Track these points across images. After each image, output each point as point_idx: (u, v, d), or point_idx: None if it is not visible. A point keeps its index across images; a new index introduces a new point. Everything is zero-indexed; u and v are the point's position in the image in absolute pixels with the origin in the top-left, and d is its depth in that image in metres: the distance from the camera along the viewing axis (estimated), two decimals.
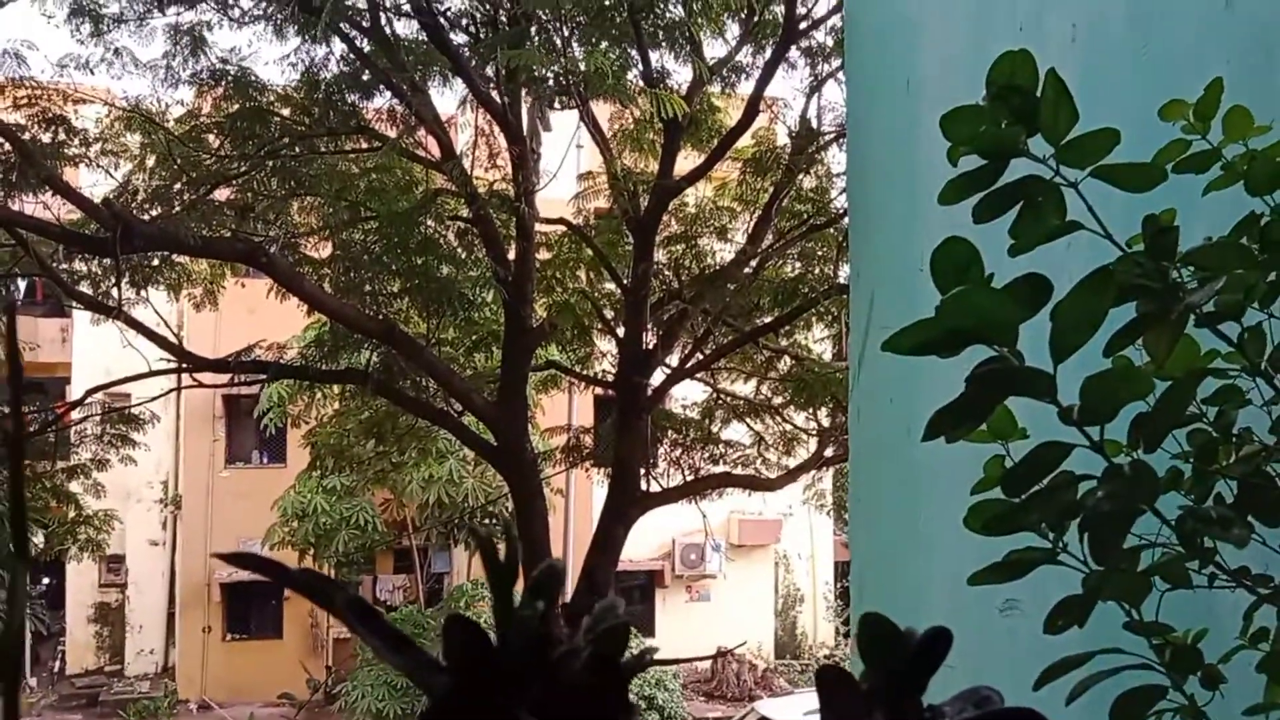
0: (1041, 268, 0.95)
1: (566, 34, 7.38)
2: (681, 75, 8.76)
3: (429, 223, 9.37)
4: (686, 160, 9.82)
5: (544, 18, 7.39)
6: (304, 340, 10.84)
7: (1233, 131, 1.00)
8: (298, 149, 8.79)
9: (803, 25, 9.03)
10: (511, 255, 9.21)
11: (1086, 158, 0.85)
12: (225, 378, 10.26)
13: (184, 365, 9.55)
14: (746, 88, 9.33)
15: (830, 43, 9.37)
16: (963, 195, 0.89)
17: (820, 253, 10.46)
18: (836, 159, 10.06)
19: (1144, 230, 0.87)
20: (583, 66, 6.55)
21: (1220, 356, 0.90)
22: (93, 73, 8.31)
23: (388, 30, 8.29)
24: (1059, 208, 0.85)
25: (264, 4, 7.34)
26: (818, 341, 11.57)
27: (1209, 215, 1.08)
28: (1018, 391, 0.78)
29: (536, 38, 7.69)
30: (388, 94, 8.78)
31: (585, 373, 11.27)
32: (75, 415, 10.20)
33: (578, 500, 15.32)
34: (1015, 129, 0.82)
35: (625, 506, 9.67)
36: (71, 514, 11.82)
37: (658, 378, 10.12)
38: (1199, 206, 1.05)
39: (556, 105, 8.07)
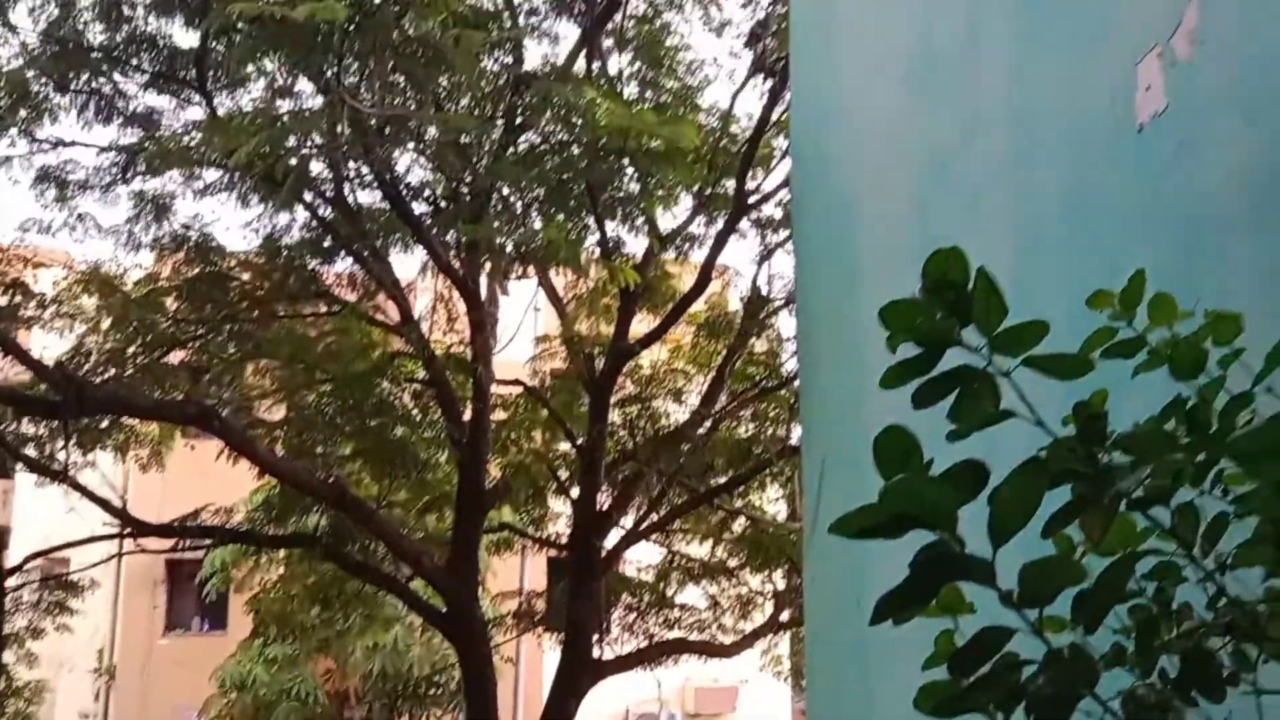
0: (981, 445, 0.98)
1: (525, 205, 7.65)
2: (637, 244, 9.10)
3: (385, 385, 9.36)
4: (642, 323, 10.03)
5: (504, 190, 7.67)
6: (252, 503, 10.58)
7: (1157, 317, 1.06)
8: (256, 313, 8.84)
9: (752, 199, 9.47)
10: (467, 416, 9.19)
11: (1018, 348, 0.88)
12: (169, 542, 9.92)
13: (127, 530, 9.24)
14: (700, 255, 9.69)
15: (779, 215, 9.81)
16: (902, 380, 0.92)
17: (773, 414, 10.59)
18: (787, 323, 10.37)
19: (1075, 415, 0.90)
20: (540, 238, 6.76)
21: (1155, 535, 0.92)
22: (54, 236, 8.39)
23: (351, 199, 8.53)
24: (993, 395, 0.88)
25: (229, 175, 7.53)
26: (772, 502, 11.56)
27: (1142, 393, 1.12)
28: (958, 577, 0.79)
29: (497, 205, 7.96)
30: (349, 259, 8.94)
31: (539, 534, 11.08)
32: (12, 582, 9.74)
33: (528, 668, 14.75)
34: (949, 321, 0.86)
35: (578, 675, 9.33)
36: (1, 686, 11.12)
37: (612, 539, 9.97)
38: (1130, 386, 1.10)
39: (515, 275, 8.28)
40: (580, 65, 8.98)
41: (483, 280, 8.95)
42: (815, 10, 3.44)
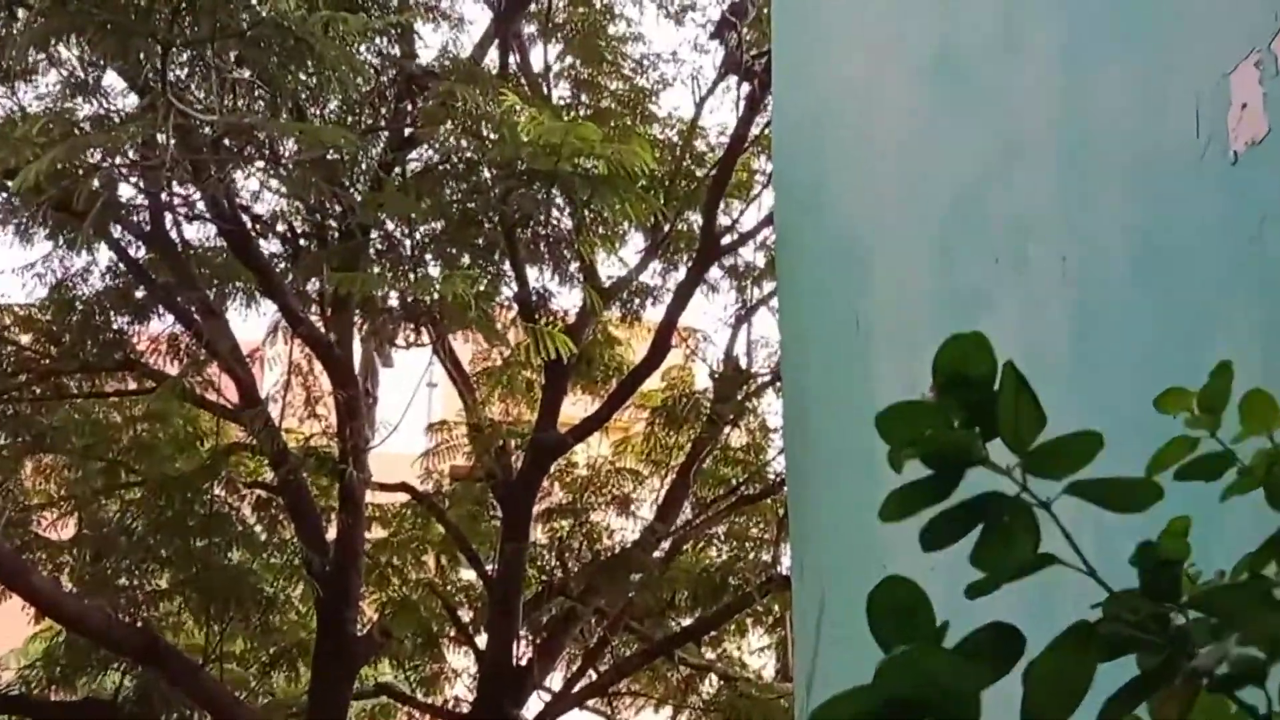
0: (1013, 602, 0.98)
1: (417, 246, 7.68)
2: (570, 299, 9.17)
3: (217, 491, 9.22)
4: (576, 406, 10.06)
5: (389, 226, 7.70)
6: (27, 656, 10.30)
7: (1252, 423, 1.07)
8: (38, 389, 8.69)
9: (725, 240, 9.63)
10: (332, 534, 9.06)
11: (1061, 468, 0.89)
12: None
13: None
14: (656, 314, 9.78)
15: (760, 262, 9.97)
16: (907, 511, 0.93)
17: (754, 532, 10.60)
18: (773, 408, 10.46)
19: (1139, 561, 0.91)
20: (437, 290, 6.78)
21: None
22: None
23: (175, 235, 8.49)
24: (1029, 533, 0.88)
25: (6, 200, 7.45)
26: (754, 653, 11.50)
27: (1231, 527, 1.13)
28: None
29: (378, 246, 7.97)
30: (169, 317, 8.86)
31: (430, 700, 10.88)
32: None
33: None
34: (969, 433, 0.87)
35: None
36: None
37: (534, 707, 9.81)
38: (1215, 519, 1.11)
39: (401, 341, 8.27)
40: (494, 59, 9.14)
41: (357, 347, 8.92)
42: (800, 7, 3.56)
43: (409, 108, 7.85)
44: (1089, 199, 2.29)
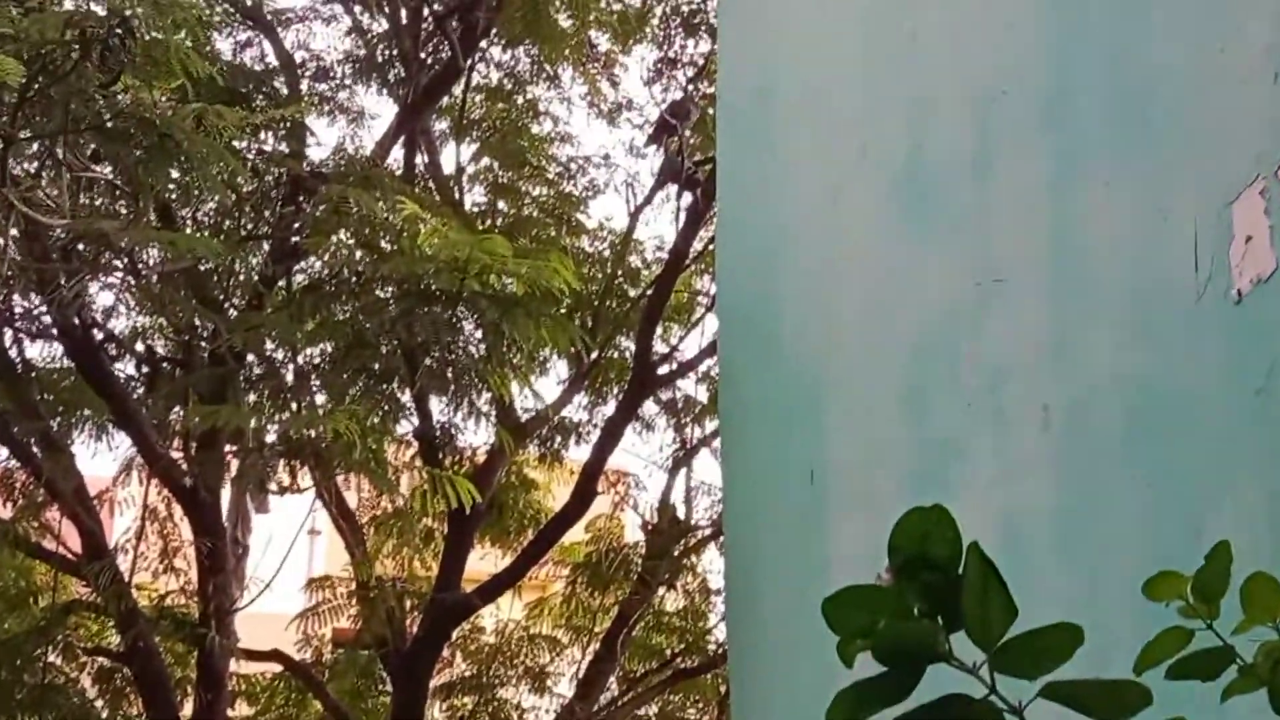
0: None
1: (300, 374, 7.63)
2: (479, 436, 9.15)
3: (52, 658, 8.97)
4: (484, 560, 9.94)
5: (267, 349, 7.66)
6: None
7: (1255, 612, 1.07)
8: None
9: (662, 369, 9.70)
10: (188, 712, 8.83)
11: (1035, 667, 0.89)
12: None
13: None
14: (580, 455, 9.77)
15: (703, 396, 10.04)
16: (861, 713, 0.92)
17: (692, 714, 10.46)
18: (715, 567, 10.42)
19: None
20: (322, 426, 6.73)
21: None
22: None
23: (15, 353, 8.40)
24: None
25: None
26: None
27: None
28: None
29: (254, 372, 7.92)
30: (2, 450, 8.71)
31: None
32: None
33: None
34: (930, 625, 0.87)
35: None
36: None
37: None
38: (1216, 718, 1.11)
39: (275, 487, 8.17)
40: (398, 160, 9.25)
41: (225, 490, 8.79)
42: (753, 95, 3.65)
43: (296, 214, 7.88)
44: (1075, 341, 2.34)
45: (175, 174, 6.67)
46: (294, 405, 7.61)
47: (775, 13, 3.71)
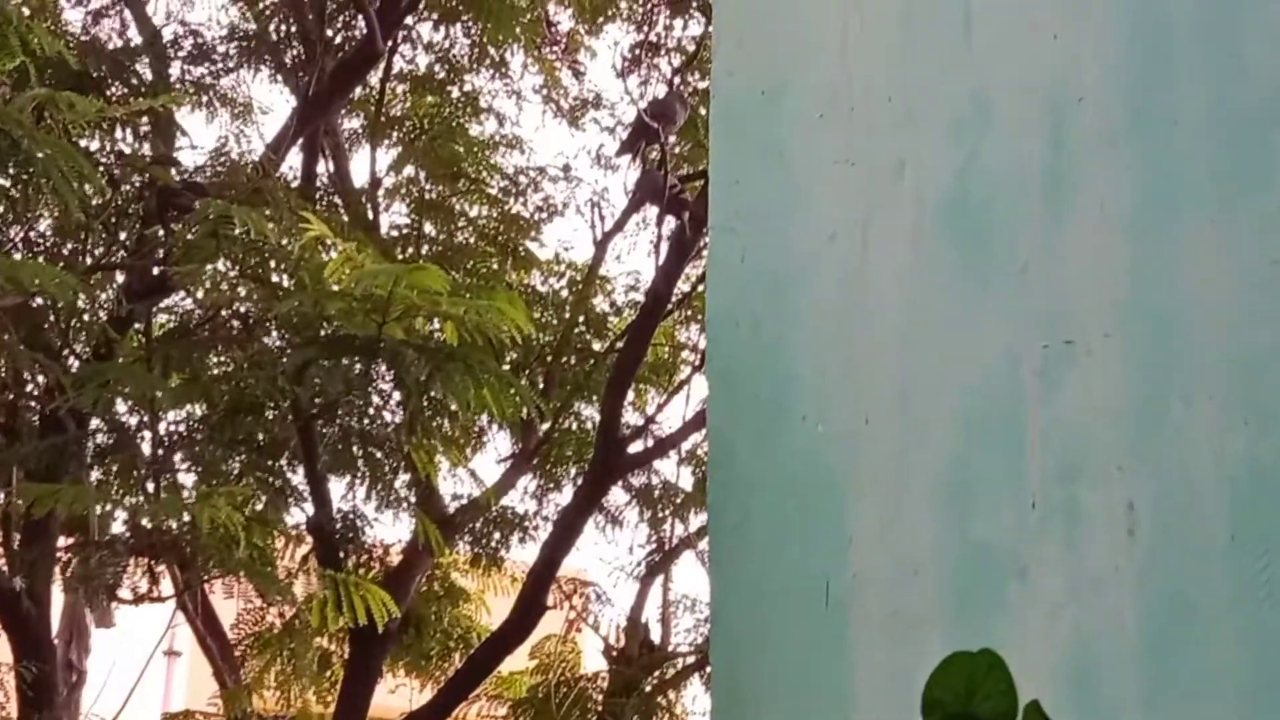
0: None
1: (163, 448, 7.60)
2: (397, 530, 9.12)
3: None
4: (397, 693, 9.88)
5: (119, 414, 7.63)
6: None
7: None
8: None
9: (634, 447, 9.71)
10: None
11: None
12: None
13: None
14: (527, 555, 9.76)
15: (687, 483, 10.04)
16: None
17: None
18: (699, 705, 10.38)
19: None
20: (189, 515, 6.71)
21: None
22: None
23: None
24: None
25: None
26: None
27: None
28: None
29: (101, 445, 7.88)
30: None
31: None
32: None
33: None
34: None
35: None
36: None
37: None
38: None
39: (129, 590, 8.14)
40: (296, 168, 9.28)
41: (57, 596, 8.74)
42: (758, 93, 3.69)
43: (161, 236, 7.88)
44: (1167, 422, 2.36)
45: (5, 181, 6.67)
46: (152, 486, 7.58)
47: None
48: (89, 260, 8.07)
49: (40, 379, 7.85)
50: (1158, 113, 2.53)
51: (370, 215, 9.56)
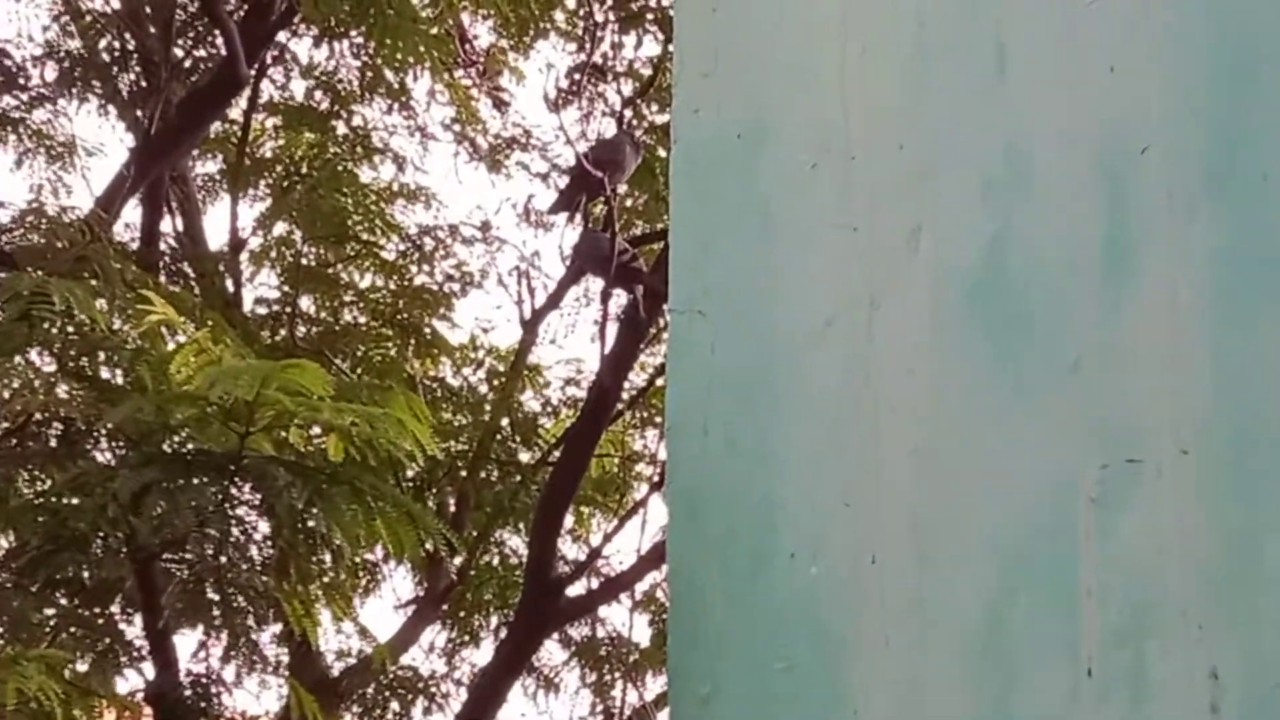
0: None
1: None
2: (266, 699, 9.07)
3: None
4: None
5: None
6: None
7: None
8: None
9: (573, 588, 9.70)
10: None
11: None
12: None
13: None
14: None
15: (643, 636, 10.02)
16: None
17: None
18: None
19: None
20: None
21: None
22: None
23: None
24: None
25: None
26: None
27: None
28: None
29: None
30: None
31: None
32: None
33: None
34: None
35: None
36: None
37: None
38: None
39: None
40: (134, 224, 9.25)
41: None
42: (732, 133, 3.71)
43: None
44: (1264, 560, 2.37)
45: None
46: None
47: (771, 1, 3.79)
48: None
49: None
50: (1244, 165, 2.55)
51: (230, 288, 9.53)
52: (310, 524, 6.84)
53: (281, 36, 9.94)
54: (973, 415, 2.93)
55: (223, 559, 7.39)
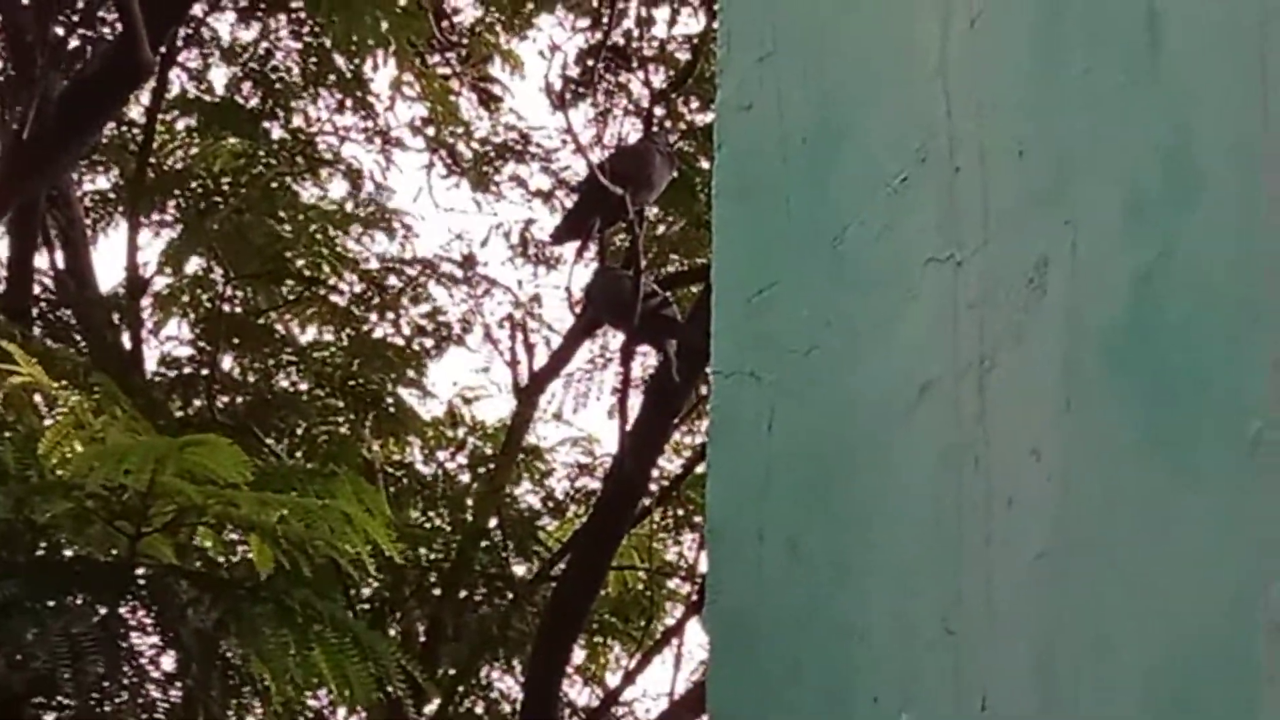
0: None
1: None
2: None
3: None
4: None
5: None
6: None
7: None
8: None
9: None
10: None
11: None
12: None
13: None
14: None
15: None
16: None
17: None
18: None
19: None
20: None
21: None
22: None
23: None
24: None
25: None
26: None
27: None
28: None
29: None
30: None
31: None
32: None
33: None
34: None
35: None
36: None
37: None
38: None
39: None
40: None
41: None
42: (799, 137, 3.71)
43: None
44: None
45: None
46: None
47: None
48: None
49: None
50: None
51: (128, 344, 9.54)
52: (227, 655, 6.80)
53: (197, 9, 9.90)
54: (1118, 511, 2.92)
55: (108, 705, 7.36)
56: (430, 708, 9.37)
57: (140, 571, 6.49)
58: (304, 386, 10.15)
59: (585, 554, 9.15)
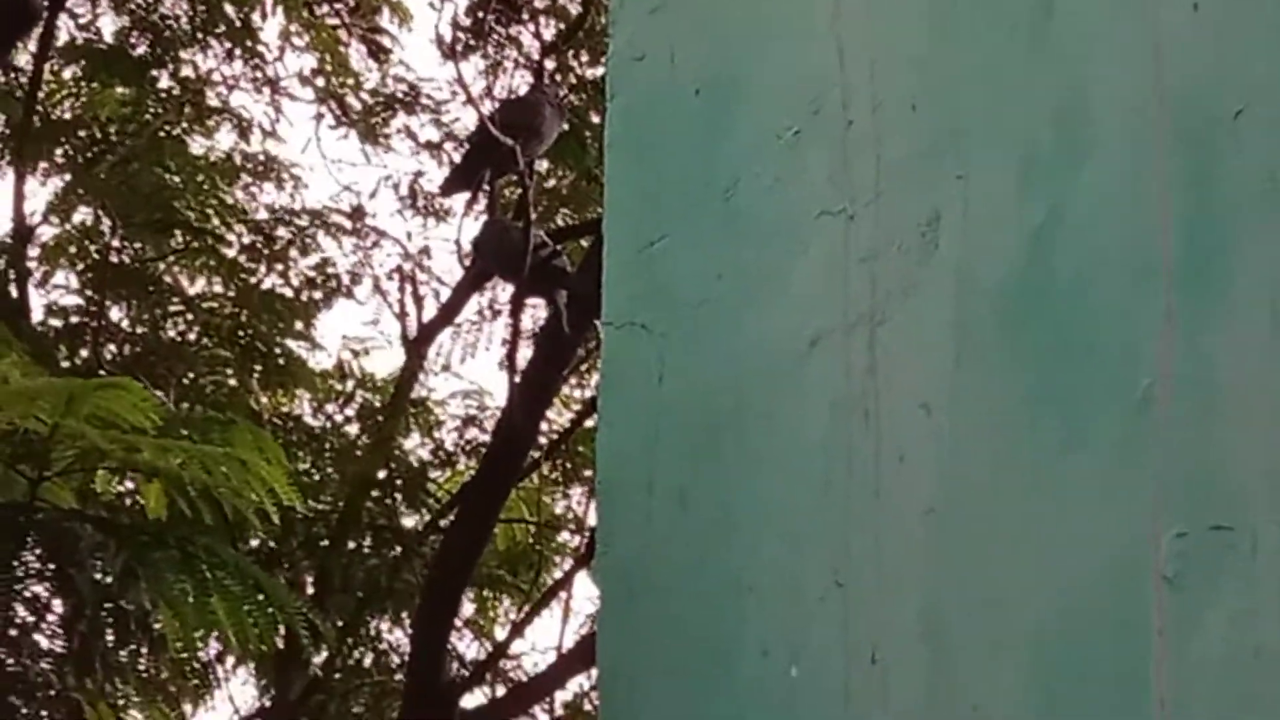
0: None
1: None
2: None
3: None
4: None
5: None
6: None
7: None
8: None
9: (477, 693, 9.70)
10: None
11: None
12: None
13: None
14: None
15: None
16: None
17: None
18: None
19: None
20: None
21: None
22: None
23: None
24: None
25: None
26: None
27: None
28: None
29: None
30: None
31: None
32: None
33: None
34: None
35: None
36: None
37: None
38: None
39: None
40: None
41: None
42: (691, 89, 3.69)
43: None
44: None
45: None
46: None
47: None
48: None
49: None
50: None
51: (14, 293, 9.49)
52: (124, 603, 6.74)
53: None
54: (1007, 466, 2.92)
55: (1, 651, 7.32)
56: (318, 659, 9.31)
57: (40, 517, 6.43)
58: (192, 337, 10.09)
59: (474, 506, 9.12)
